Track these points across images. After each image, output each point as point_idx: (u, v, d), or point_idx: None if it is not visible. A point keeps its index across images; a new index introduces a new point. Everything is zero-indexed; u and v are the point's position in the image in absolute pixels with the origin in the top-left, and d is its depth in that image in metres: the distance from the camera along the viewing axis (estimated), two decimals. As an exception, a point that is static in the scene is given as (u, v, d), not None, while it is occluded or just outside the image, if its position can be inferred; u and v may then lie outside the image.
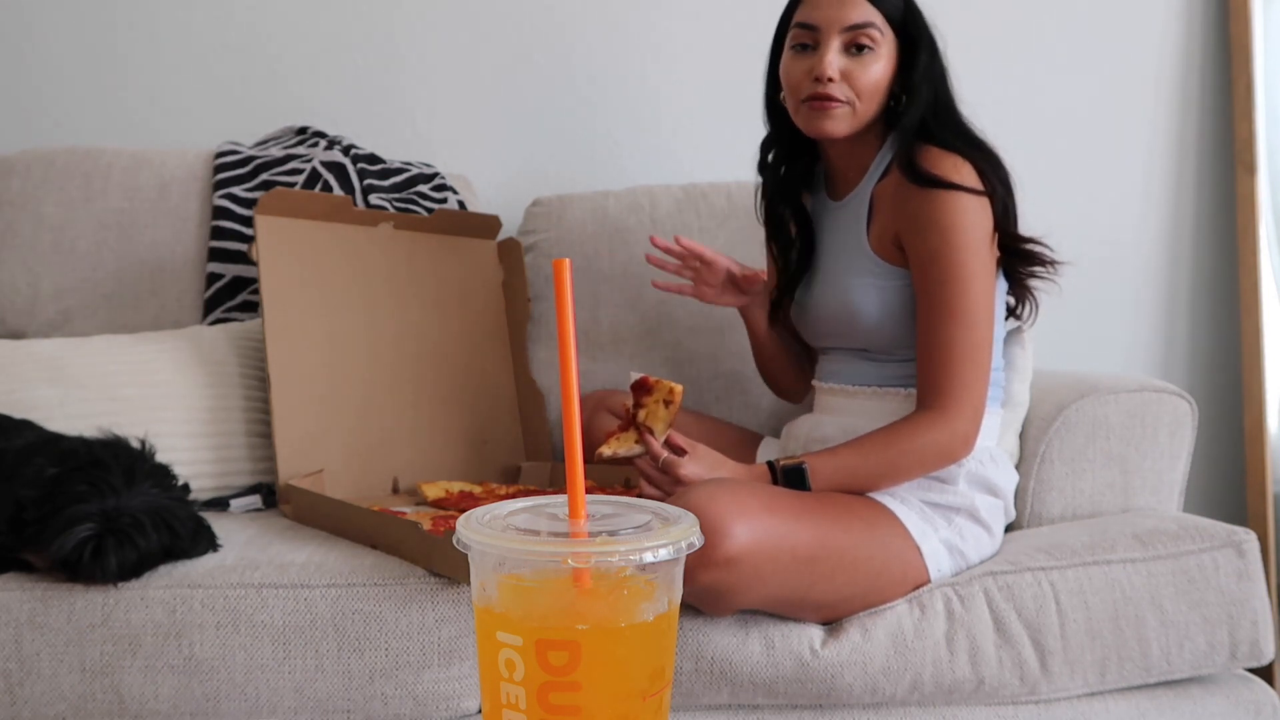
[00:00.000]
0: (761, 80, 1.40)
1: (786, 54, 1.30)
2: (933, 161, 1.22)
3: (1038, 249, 1.27)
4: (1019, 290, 1.32)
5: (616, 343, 1.73)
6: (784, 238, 1.42)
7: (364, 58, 1.97)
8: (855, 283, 1.29)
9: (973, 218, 1.20)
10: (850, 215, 1.33)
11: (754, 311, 1.50)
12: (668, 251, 1.49)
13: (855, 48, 1.24)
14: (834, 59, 1.23)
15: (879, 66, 1.25)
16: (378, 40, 1.97)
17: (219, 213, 1.71)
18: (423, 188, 1.81)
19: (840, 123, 1.26)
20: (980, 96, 1.34)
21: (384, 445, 1.52)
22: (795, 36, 1.28)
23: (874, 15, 1.24)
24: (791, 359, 1.52)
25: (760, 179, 1.44)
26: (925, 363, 1.22)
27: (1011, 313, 1.35)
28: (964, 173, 1.21)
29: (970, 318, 1.20)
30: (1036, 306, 1.34)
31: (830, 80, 1.23)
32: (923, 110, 1.26)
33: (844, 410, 1.34)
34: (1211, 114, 2.04)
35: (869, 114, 1.27)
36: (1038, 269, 1.28)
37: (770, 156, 1.42)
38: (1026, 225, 1.29)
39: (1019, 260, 1.27)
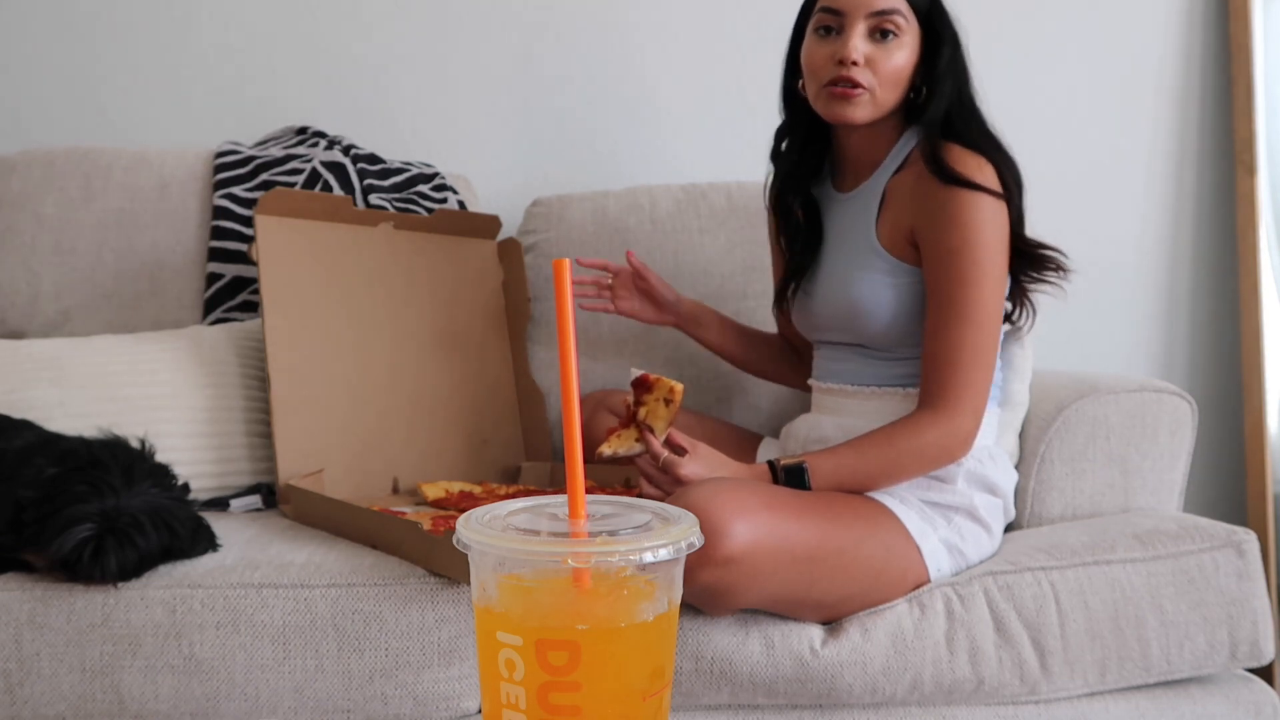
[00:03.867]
0: (780, 66, 1.37)
1: (809, 38, 1.28)
2: (957, 160, 1.22)
3: (1053, 254, 1.27)
4: (1018, 295, 1.31)
5: (616, 343, 1.73)
6: (791, 227, 1.41)
7: (364, 58, 1.97)
8: (859, 276, 1.29)
9: (993, 219, 1.20)
10: (859, 208, 1.32)
11: (694, 331, 1.54)
12: (582, 280, 1.52)
13: (880, 33, 1.23)
14: (859, 43, 1.22)
15: (902, 54, 1.24)
16: (378, 40, 1.97)
17: (219, 213, 1.71)
18: (423, 188, 1.81)
19: (861, 109, 1.25)
20: (980, 96, 1.34)
21: (384, 445, 1.52)
22: (819, 20, 1.26)
23: (899, 2, 1.23)
24: (770, 360, 1.54)
25: (772, 166, 1.43)
26: (931, 361, 1.21)
27: (1006, 317, 1.34)
28: (987, 174, 1.21)
29: (980, 319, 1.19)
30: (1034, 312, 1.33)
31: (854, 64, 1.22)
32: (947, 104, 1.25)
33: (843, 410, 1.34)
34: (1211, 114, 2.04)
35: (889, 102, 1.26)
36: (1050, 274, 1.28)
37: (784, 145, 1.41)
38: (1027, 225, 1.29)
39: (1032, 265, 1.27)
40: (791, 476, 1.18)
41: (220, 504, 1.44)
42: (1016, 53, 2.02)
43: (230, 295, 1.69)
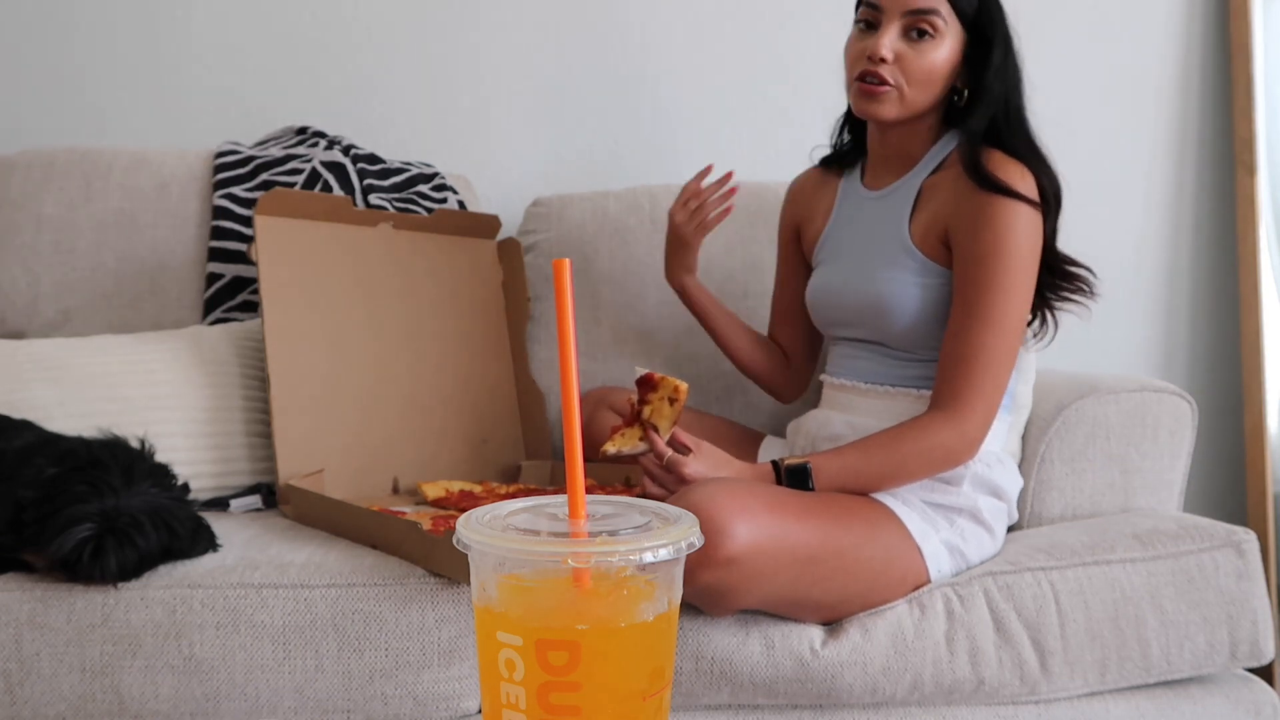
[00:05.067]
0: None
1: (852, 31, 1.30)
2: (997, 165, 1.21)
3: (1082, 272, 1.27)
4: (1041, 309, 1.29)
5: (617, 343, 1.73)
6: None
7: (364, 58, 1.97)
8: (887, 275, 1.28)
9: (1027, 229, 1.20)
10: (891, 206, 1.32)
11: (690, 297, 1.53)
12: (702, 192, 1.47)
13: (915, 32, 1.22)
14: (889, 40, 1.22)
15: (936, 55, 1.23)
16: (378, 40, 1.97)
17: (219, 213, 1.71)
18: (423, 188, 1.81)
19: (887, 106, 1.25)
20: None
21: (384, 445, 1.52)
22: (861, 14, 1.27)
23: (941, 4, 1.22)
24: (761, 357, 1.53)
25: (831, 148, 1.46)
26: (949, 363, 1.21)
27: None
28: (1028, 184, 1.21)
29: (1003, 326, 1.19)
30: (1056, 327, 1.31)
31: (882, 61, 1.22)
32: (993, 111, 1.25)
33: (853, 408, 1.34)
34: (1211, 114, 2.04)
35: (919, 102, 1.25)
36: (1075, 294, 1.27)
37: (845, 133, 1.44)
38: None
39: (1059, 279, 1.26)
40: (795, 477, 1.18)
41: (220, 504, 1.44)
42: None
43: (230, 295, 1.69)
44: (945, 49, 1.23)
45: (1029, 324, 1.32)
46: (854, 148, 1.42)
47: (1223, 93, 2.03)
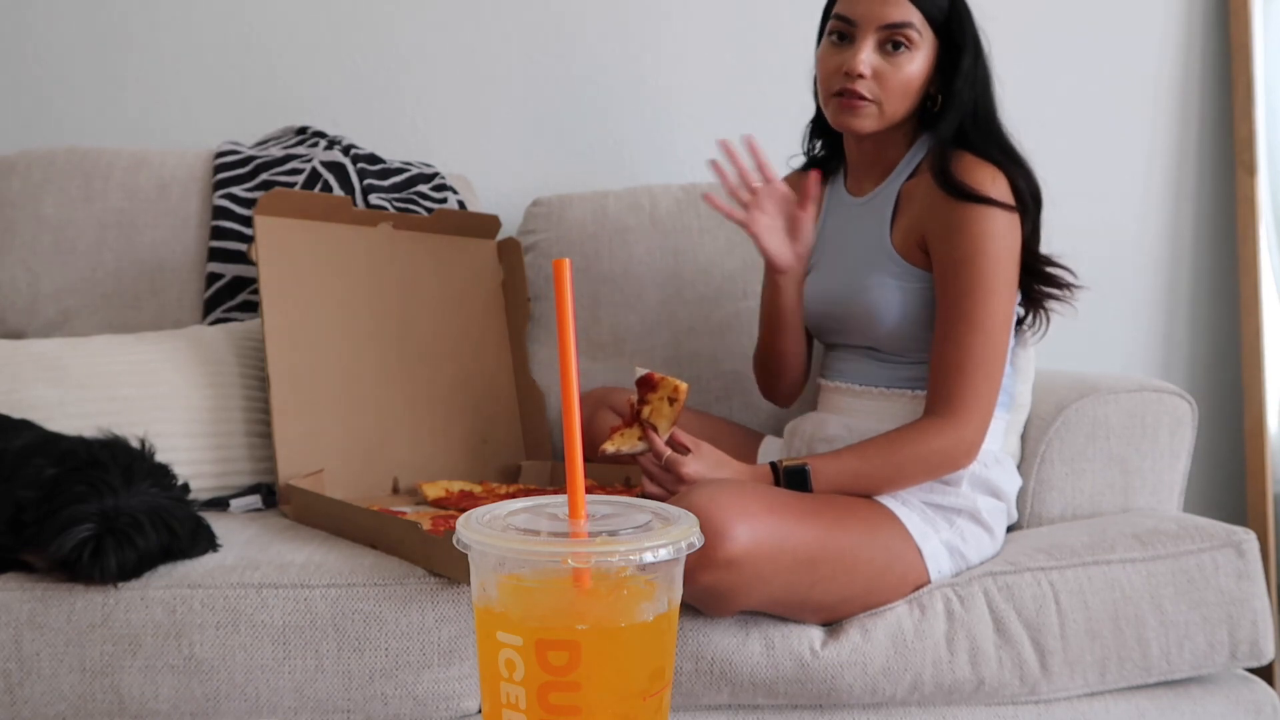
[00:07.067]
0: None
1: (823, 42, 1.29)
2: (967, 170, 1.21)
3: (1059, 272, 1.27)
4: (1031, 305, 1.30)
5: (616, 343, 1.73)
6: None
7: (364, 58, 1.97)
8: (874, 282, 1.28)
9: (1002, 230, 1.20)
10: (872, 213, 1.32)
11: (790, 284, 1.35)
12: (731, 157, 1.33)
13: (891, 45, 1.22)
14: (867, 56, 1.22)
15: (912, 67, 1.23)
16: (378, 40, 1.97)
17: (219, 213, 1.71)
18: (423, 188, 1.81)
19: (867, 120, 1.25)
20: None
21: (384, 445, 1.52)
22: (833, 27, 1.27)
23: (914, 15, 1.22)
24: (801, 354, 1.52)
25: (805, 157, 1.46)
26: (939, 368, 1.21)
27: (1019, 322, 1.33)
28: (1000, 186, 1.21)
29: (989, 328, 1.19)
30: (1047, 322, 1.32)
31: (860, 77, 1.22)
32: (962, 116, 1.25)
33: (849, 410, 1.34)
34: (1211, 114, 2.03)
35: (898, 114, 1.25)
36: (1056, 292, 1.28)
37: (817, 140, 1.43)
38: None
39: (1038, 281, 1.27)
40: (793, 478, 1.18)
41: (220, 504, 1.44)
42: (1016, 53, 2.01)
43: (230, 295, 1.69)
44: (920, 60, 1.24)
45: (1022, 321, 1.32)
46: (832, 154, 1.42)
47: (1223, 93, 2.03)
